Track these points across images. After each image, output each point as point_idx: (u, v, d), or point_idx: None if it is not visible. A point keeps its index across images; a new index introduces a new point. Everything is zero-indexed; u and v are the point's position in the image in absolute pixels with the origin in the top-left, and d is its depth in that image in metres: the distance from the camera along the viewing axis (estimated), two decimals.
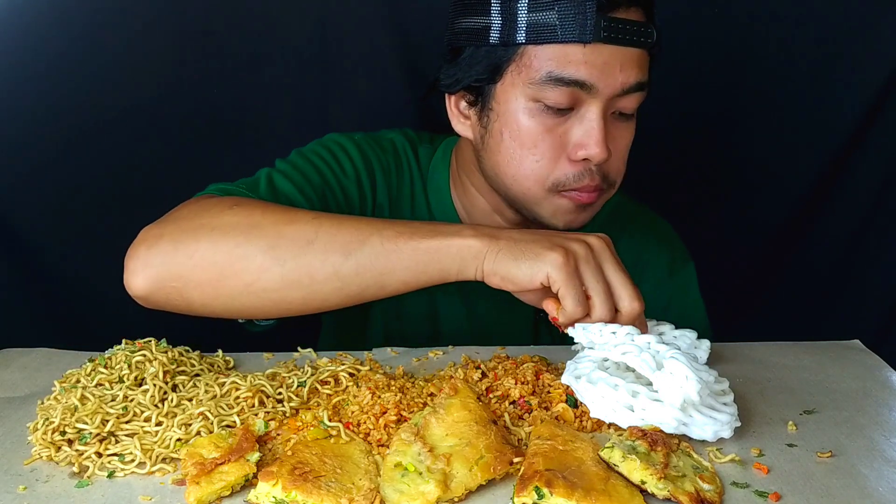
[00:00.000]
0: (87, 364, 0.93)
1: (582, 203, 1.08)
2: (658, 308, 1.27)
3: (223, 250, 0.94)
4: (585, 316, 0.94)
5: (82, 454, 0.81)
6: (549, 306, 0.95)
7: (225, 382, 0.91)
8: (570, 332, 0.97)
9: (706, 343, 1.02)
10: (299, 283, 0.95)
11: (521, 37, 1.02)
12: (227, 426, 0.85)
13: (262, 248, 0.94)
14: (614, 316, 0.94)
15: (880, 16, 1.70)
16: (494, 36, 1.04)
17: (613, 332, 0.93)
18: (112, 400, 0.87)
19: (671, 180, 1.85)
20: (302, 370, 0.96)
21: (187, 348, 0.98)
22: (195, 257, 0.95)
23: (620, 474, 0.77)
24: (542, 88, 1.02)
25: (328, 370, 0.96)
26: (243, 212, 0.98)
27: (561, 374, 0.93)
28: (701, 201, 1.87)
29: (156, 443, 0.82)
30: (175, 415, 0.85)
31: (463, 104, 1.14)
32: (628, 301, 0.94)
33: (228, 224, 0.96)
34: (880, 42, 1.71)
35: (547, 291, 0.95)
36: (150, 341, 0.95)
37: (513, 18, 1.02)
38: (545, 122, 1.04)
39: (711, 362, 1.01)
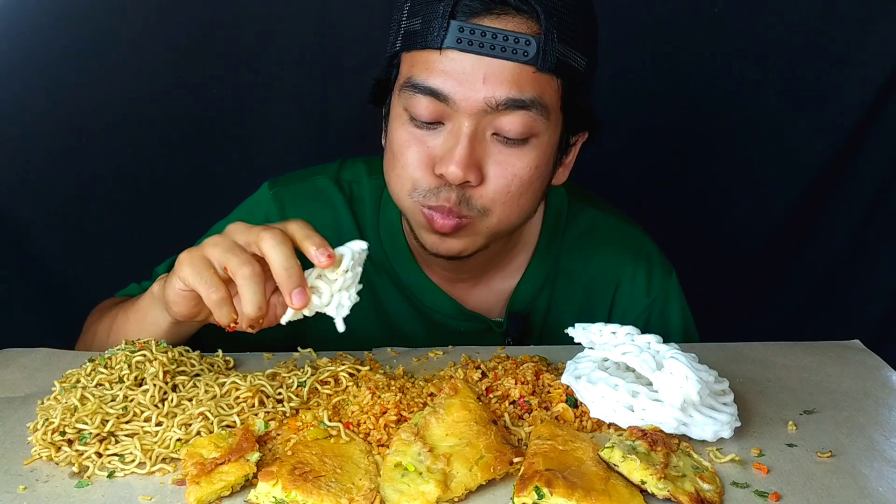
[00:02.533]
0: (87, 364, 0.93)
1: (436, 227, 1.03)
2: (639, 325, 1.26)
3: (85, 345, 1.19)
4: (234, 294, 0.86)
5: (82, 454, 0.81)
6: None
7: (225, 382, 0.90)
8: (570, 331, 0.97)
9: None
10: None
11: (398, 45, 1.03)
12: (227, 426, 0.85)
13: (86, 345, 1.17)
14: (262, 268, 0.85)
15: (880, 16, 1.70)
16: (388, 47, 1.06)
17: (613, 332, 0.93)
18: (112, 400, 0.86)
19: (673, 180, 1.86)
20: (302, 370, 0.96)
21: (187, 348, 0.98)
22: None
23: (620, 474, 0.77)
24: (408, 97, 1.01)
25: (328, 370, 0.96)
26: (92, 319, 1.21)
27: (561, 374, 0.93)
28: (702, 201, 1.87)
29: (156, 443, 0.82)
30: (175, 415, 0.85)
31: (384, 119, 1.14)
32: (265, 245, 0.84)
33: (87, 329, 1.21)
34: (880, 42, 1.71)
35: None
36: (150, 341, 0.95)
37: (397, 28, 1.03)
38: (413, 132, 1.02)
39: (711, 362, 1.01)
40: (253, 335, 1.00)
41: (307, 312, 0.86)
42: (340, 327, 0.87)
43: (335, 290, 0.86)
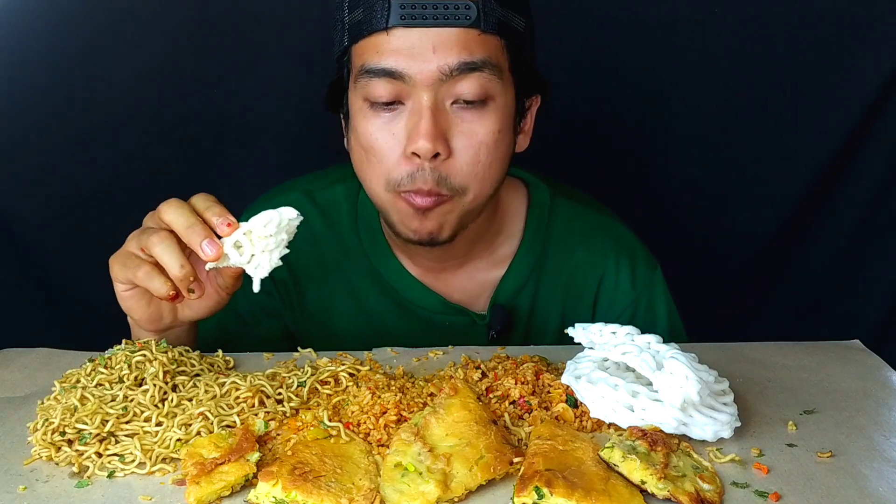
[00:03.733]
0: (87, 364, 0.93)
1: (417, 206, 1.05)
2: (624, 319, 1.25)
3: None
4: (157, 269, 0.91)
5: (82, 454, 0.81)
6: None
7: (225, 382, 0.90)
8: (569, 331, 0.97)
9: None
10: None
11: (346, 40, 1.05)
12: (227, 426, 0.85)
13: None
14: (177, 247, 0.91)
15: (880, 16, 1.70)
16: (336, 47, 1.08)
17: (613, 332, 0.93)
18: (112, 400, 0.87)
19: (673, 180, 1.86)
20: (302, 370, 0.96)
21: (187, 348, 0.98)
22: None
23: (620, 474, 0.77)
24: (364, 85, 1.03)
25: (328, 370, 0.96)
26: None
27: (561, 374, 0.93)
28: (702, 201, 1.87)
29: (156, 443, 0.82)
30: (175, 415, 0.85)
31: (343, 122, 1.14)
32: (166, 217, 0.91)
33: None
34: (880, 42, 1.71)
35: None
36: (150, 341, 0.95)
37: (342, 25, 1.06)
38: (376, 120, 1.04)
39: (711, 362, 1.01)
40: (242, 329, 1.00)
41: (225, 264, 0.89)
42: (256, 287, 0.91)
43: (257, 251, 0.89)
